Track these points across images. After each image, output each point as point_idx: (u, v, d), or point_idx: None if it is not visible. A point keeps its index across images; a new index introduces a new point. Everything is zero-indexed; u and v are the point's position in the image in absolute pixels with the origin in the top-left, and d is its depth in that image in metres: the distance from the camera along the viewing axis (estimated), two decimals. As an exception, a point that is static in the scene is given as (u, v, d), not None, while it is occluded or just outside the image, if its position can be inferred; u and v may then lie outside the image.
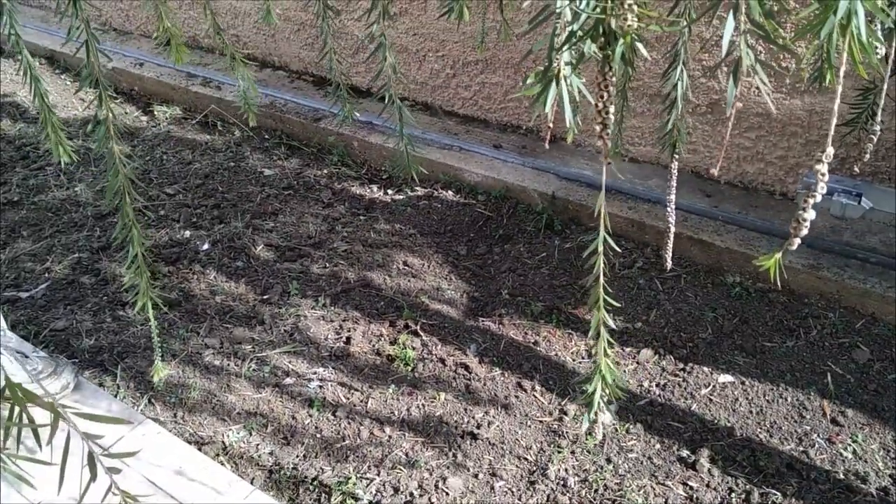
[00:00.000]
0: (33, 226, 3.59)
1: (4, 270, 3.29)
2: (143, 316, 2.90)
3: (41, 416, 1.13)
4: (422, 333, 2.86)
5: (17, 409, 0.84)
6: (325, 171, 3.90)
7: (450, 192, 3.62)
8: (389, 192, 3.71)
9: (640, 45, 0.89)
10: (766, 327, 2.78)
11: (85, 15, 1.37)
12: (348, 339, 2.86)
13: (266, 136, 4.24)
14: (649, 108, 3.33)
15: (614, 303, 1.62)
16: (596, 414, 1.86)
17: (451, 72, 3.87)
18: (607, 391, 1.77)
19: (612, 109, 0.93)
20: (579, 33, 0.85)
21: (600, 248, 1.48)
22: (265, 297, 3.09)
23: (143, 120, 4.56)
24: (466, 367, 2.71)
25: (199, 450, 2.45)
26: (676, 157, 1.71)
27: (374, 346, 2.84)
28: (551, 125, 0.95)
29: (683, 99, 1.60)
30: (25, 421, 0.84)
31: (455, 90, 3.92)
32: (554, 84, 0.94)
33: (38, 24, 5.66)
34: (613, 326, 1.66)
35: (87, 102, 4.75)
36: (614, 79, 0.90)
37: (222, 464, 2.41)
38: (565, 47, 0.87)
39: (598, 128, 0.94)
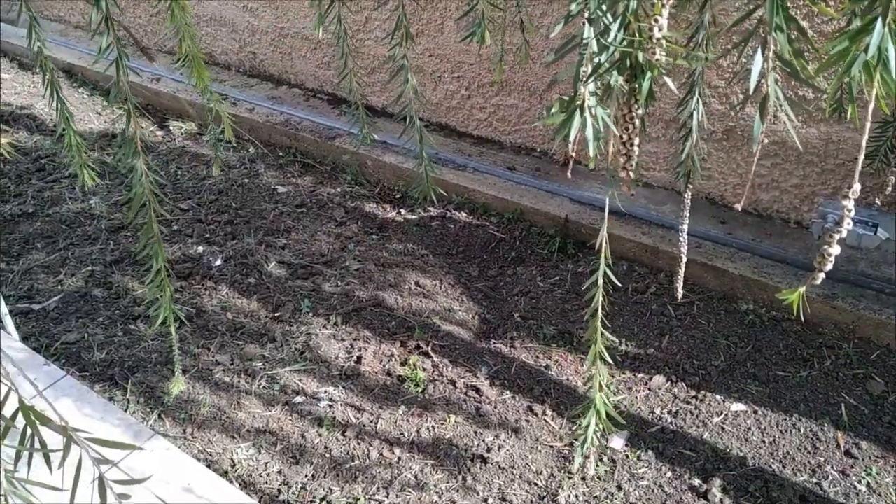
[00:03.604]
0: (47, 238, 3.61)
1: (18, 282, 3.30)
2: (157, 330, 2.91)
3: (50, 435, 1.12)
4: (433, 354, 2.85)
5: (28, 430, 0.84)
6: (339, 190, 3.91)
7: (463, 213, 3.62)
8: (402, 211, 3.72)
9: (668, 80, 0.89)
10: (780, 356, 2.76)
11: (117, 33, 1.39)
12: (359, 358, 2.85)
13: (280, 154, 4.26)
14: (664, 134, 3.33)
15: (611, 336, 1.61)
16: (589, 449, 1.83)
17: (466, 93, 3.89)
18: (601, 426, 1.74)
19: (636, 142, 0.93)
20: (606, 65, 0.85)
21: (600, 282, 1.47)
22: (277, 314, 3.09)
23: (158, 135, 4.59)
24: (477, 390, 2.70)
25: (208, 467, 2.45)
26: (691, 186, 1.70)
27: (384, 366, 2.83)
28: (573, 155, 0.95)
29: (699, 128, 1.60)
30: (37, 444, 0.83)
31: (470, 111, 3.94)
32: (578, 114, 0.94)
33: (57, 38, 5.72)
34: (610, 360, 1.64)
35: (104, 116, 4.78)
36: (640, 111, 0.90)
37: (231, 482, 2.40)
38: (591, 79, 0.87)
39: (621, 160, 0.94)
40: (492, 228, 3.50)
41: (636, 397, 2.66)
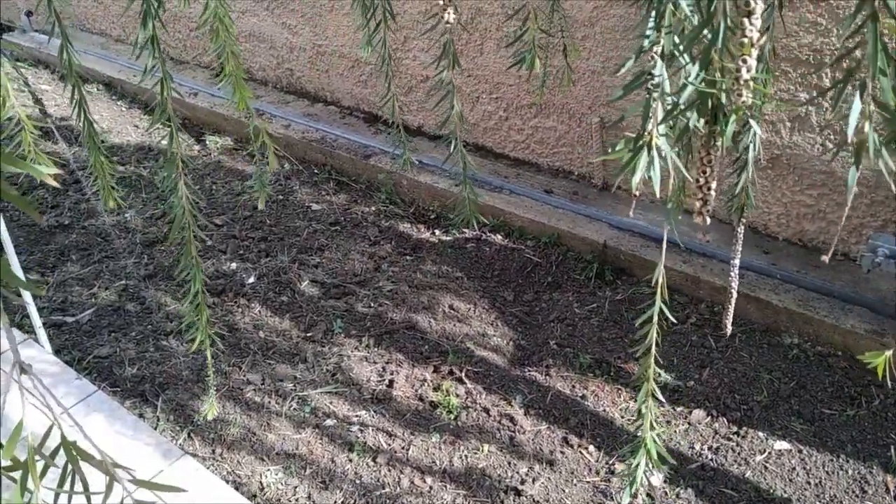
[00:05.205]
0: (82, 250, 3.62)
1: (52, 294, 3.31)
2: (189, 348, 2.89)
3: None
4: (466, 381, 2.80)
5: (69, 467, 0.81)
6: (373, 209, 3.88)
7: (498, 236, 3.57)
8: (437, 232, 3.68)
9: (753, 123, 0.84)
10: (826, 393, 2.67)
11: (162, 54, 1.36)
12: (391, 382, 2.81)
13: (315, 171, 4.25)
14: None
15: (665, 375, 1.55)
16: (637, 489, 1.77)
17: (504, 114, 3.85)
18: (651, 465, 1.69)
19: (713, 186, 0.88)
20: (682, 105, 0.80)
21: (655, 318, 1.42)
22: (309, 334, 3.06)
23: (195, 149, 4.61)
24: (511, 419, 2.64)
25: (237, 489, 2.41)
26: (744, 220, 1.64)
27: (417, 391, 2.78)
28: (637, 193, 0.90)
29: (755, 162, 1.54)
30: (78, 482, 0.80)
31: (507, 133, 3.90)
32: (645, 153, 0.89)
33: (98, 51, 5.78)
34: (662, 399, 1.59)
35: (141, 128, 4.81)
36: (718, 153, 0.85)
37: (259, 506, 2.36)
38: (666, 120, 0.82)
39: (697, 204, 0.88)
40: (528, 252, 3.45)
41: (675, 431, 2.58)
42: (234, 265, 3.48)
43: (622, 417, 2.64)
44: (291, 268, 3.43)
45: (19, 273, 2.59)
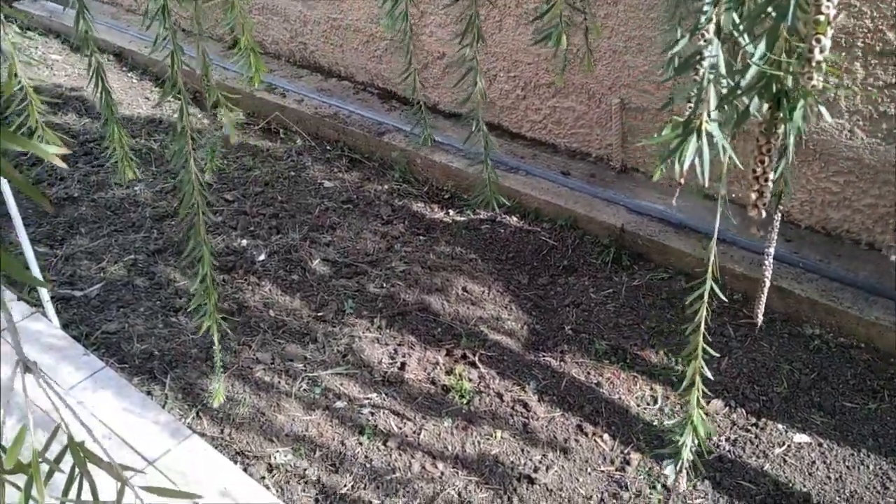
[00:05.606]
0: (91, 223, 3.57)
1: (61, 267, 3.26)
2: (198, 326, 2.85)
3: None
4: (479, 365, 2.75)
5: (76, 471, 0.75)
6: (386, 187, 3.82)
7: (514, 218, 3.50)
8: (451, 212, 3.62)
9: (823, 109, 0.77)
10: (847, 386, 2.61)
11: (172, 24, 1.30)
12: (403, 364, 2.76)
13: (328, 147, 4.18)
14: (735, 146, 3.18)
15: (713, 352, 1.50)
16: (682, 465, 1.73)
17: (521, 93, 3.77)
18: (696, 443, 1.65)
19: (770, 177, 0.81)
20: (741, 89, 0.74)
21: (706, 297, 1.37)
22: (319, 313, 3.01)
23: (205, 123, 4.54)
24: (525, 405, 2.59)
25: (245, 471, 2.38)
26: (781, 207, 1.57)
27: (429, 374, 2.73)
28: (682, 181, 0.84)
29: (795, 148, 1.47)
30: (86, 488, 0.75)
31: (524, 112, 3.82)
32: (694, 138, 0.82)
33: (108, 21, 5.70)
34: (710, 376, 1.54)
35: (152, 100, 4.75)
36: (778, 142, 0.79)
37: (267, 487, 2.33)
38: (724, 103, 0.75)
39: (752, 195, 0.82)
40: (543, 235, 3.38)
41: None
42: (244, 242, 3.43)
43: (638, 406, 2.59)
44: (302, 245, 3.38)
45: (28, 249, 2.54)
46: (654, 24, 3.17)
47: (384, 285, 3.14)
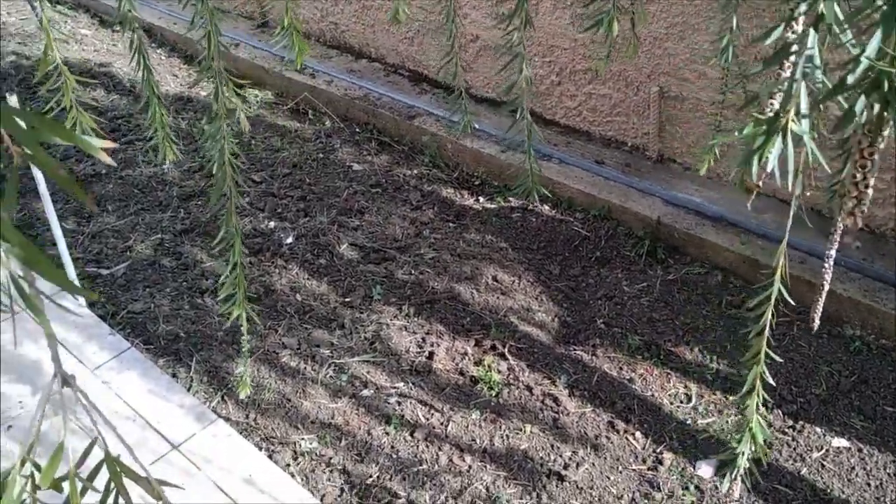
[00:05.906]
0: (119, 201, 3.54)
1: (88, 244, 3.24)
2: (226, 312, 2.82)
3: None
4: (509, 357, 2.69)
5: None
6: (416, 172, 3.76)
7: (546, 207, 3.43)
8: (481, 199, 3.55)
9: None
10: (889, 390, 2.53)
11: (210, 5, 1.25)
12: (431, 354, 2.71)
13: (357, 129, 4.13)
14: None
15: (776, 357, 1.44)
16: (739, 474, 1.67)
17: (556, 79, 3.69)
18: (755, 450, 1.58)
19: (871, 182, 0.75)
20: (846, 86, 0.67)
21: (773, 300, 1.31)
22: (347, 299, 2.97)
23: (234, 101, 4.49)
24: (555, 399, 2.53)
25: (270, 458, 2.34)
26: (844, 209, 1.50)
27: (457, 364, 2.68)
28: (760, 186, 0.77)
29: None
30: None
31: (559, 98, 3.73)
32: (780, 138, 0.76)
33: (139, -4, 5.66)
34: (773, 383, 1.48)
35: (181, 78, 4.71)
36: (882, 145, 0.72)
37: (293, 475, 2.30)
38: (824, 101, 0.69)
39: (849, 203, 0.76)
40: (576, 225, 3.31)
41: (727, 422, 2.46)
42: (272, 224, 3.39)
43: (671, 404, 2.53)
44: (330, 229, 3.33)
45: (56, 227, 2.52)
46: (698, 10, 3.08)
47: (413, 272, 3.09)
